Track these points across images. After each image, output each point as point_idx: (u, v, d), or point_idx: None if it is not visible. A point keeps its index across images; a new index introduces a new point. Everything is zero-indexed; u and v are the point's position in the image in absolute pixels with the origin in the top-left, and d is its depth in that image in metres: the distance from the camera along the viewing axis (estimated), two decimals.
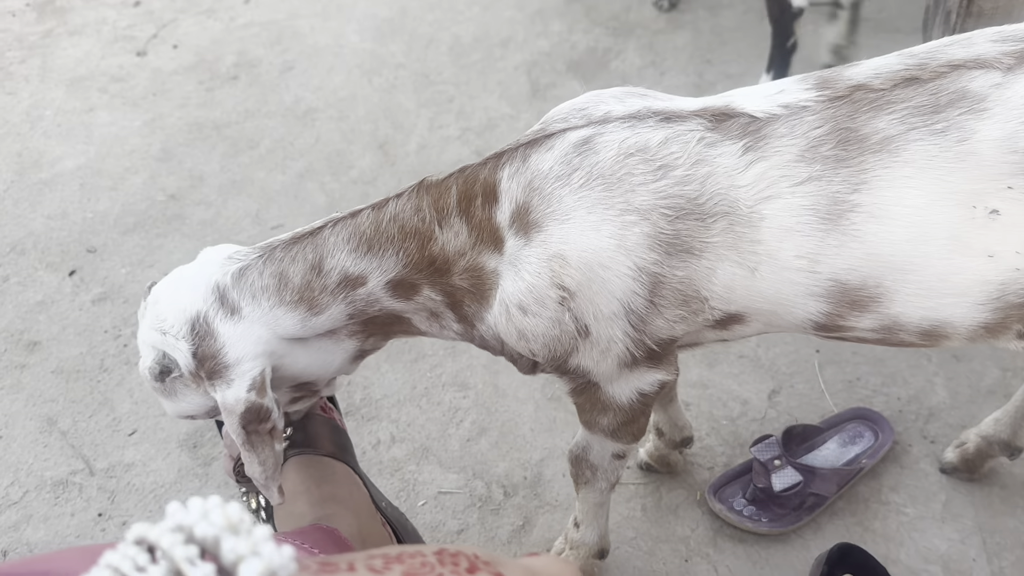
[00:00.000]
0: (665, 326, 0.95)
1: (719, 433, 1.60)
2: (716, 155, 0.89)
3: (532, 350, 0.99)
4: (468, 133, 2.44)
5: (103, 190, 2.29)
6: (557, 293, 0.92)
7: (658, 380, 1.03)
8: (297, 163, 2.36)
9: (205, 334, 0.99)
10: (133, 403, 1.73)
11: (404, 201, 1.00)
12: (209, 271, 1.02)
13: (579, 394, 1.08)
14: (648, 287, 0.91)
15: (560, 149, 0.93)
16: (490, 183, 0.96)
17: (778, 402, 1.65)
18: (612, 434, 1.11)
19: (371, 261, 0.99)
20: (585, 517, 1.29)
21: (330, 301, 1.00)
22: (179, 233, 2.14)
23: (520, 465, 1.58)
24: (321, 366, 1.08)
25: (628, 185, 0.89)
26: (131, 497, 1.56)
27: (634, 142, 0.90)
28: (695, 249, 0.90)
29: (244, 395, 0.99)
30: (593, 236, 0.90)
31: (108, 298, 1.96)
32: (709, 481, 1.51)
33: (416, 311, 1.04)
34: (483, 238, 0.97)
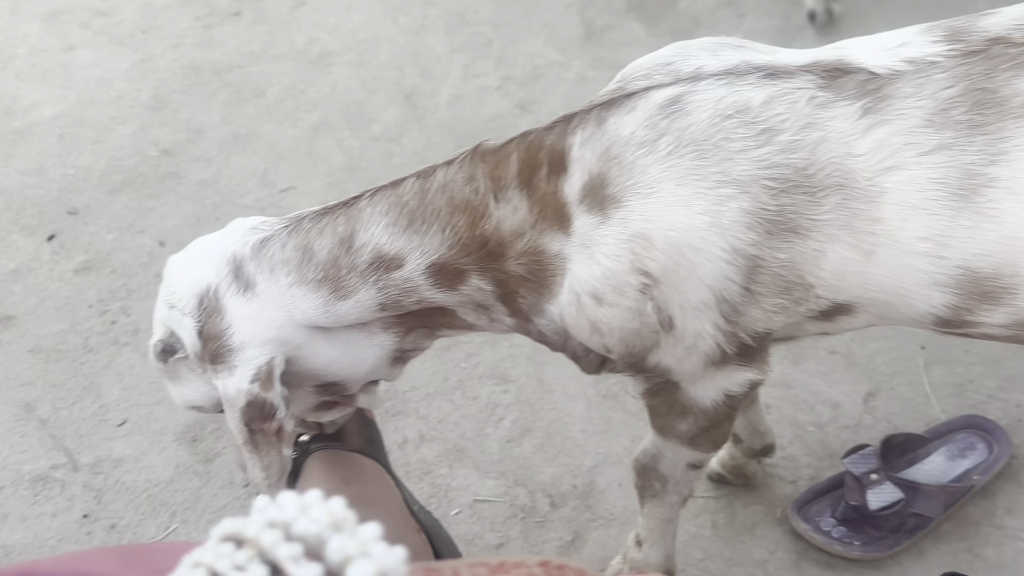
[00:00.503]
0: (762, 317, 0.96)
1: (805, 441, 1.62)
2: (829, 117, 0.89)
3: (606, 345, 1.00)
4: (509, 83, 2.46)
5: (86, 142, 2.34)
6: (638, 280, 0.94)
7: (748, 380, 1.05)
8: (310, 115, 2.39)
9: (213, 310, 1.01)
10: (123, 389, 1.78)
11: (455, 169, 1.01)
12: (229, 240, 1.05)
13: (654, 395, 1.10)
14: (745, 272, 0.92)
15: (643, 111, 0.94)
16: (558, 151, 0.97)
17: (875, 407, 1.66)
18: (690, 441, 1.13)
19: (411, 238, 1.00)
20: (650, 535, 1.31)
21: (358, 284, 1.01)
22: (174, 194, 2.19)
23: (569, 472, 1.61)
24: (349, 364, 1.09)
25: (725, 152, 0.90)
26: (120, 497, 1.62)
27: (732, 101, 0.91)
28: (801, 228, 0.91)
29: (246, 386, 1.00)
30: (682, 213, 0.91)
31: (92, 267, 2.01)
32: (792, 496, 1.53)
33: (461, 304, 1.05)
34: (546, 215, 0.97)
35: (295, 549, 0.41)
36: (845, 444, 1.59)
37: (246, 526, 0.42)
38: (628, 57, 2.64)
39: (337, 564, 0.41)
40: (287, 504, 0.43)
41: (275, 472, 1.06)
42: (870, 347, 1.74)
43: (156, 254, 2.04)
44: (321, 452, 1.23)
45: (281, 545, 0.41)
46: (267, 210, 2.13)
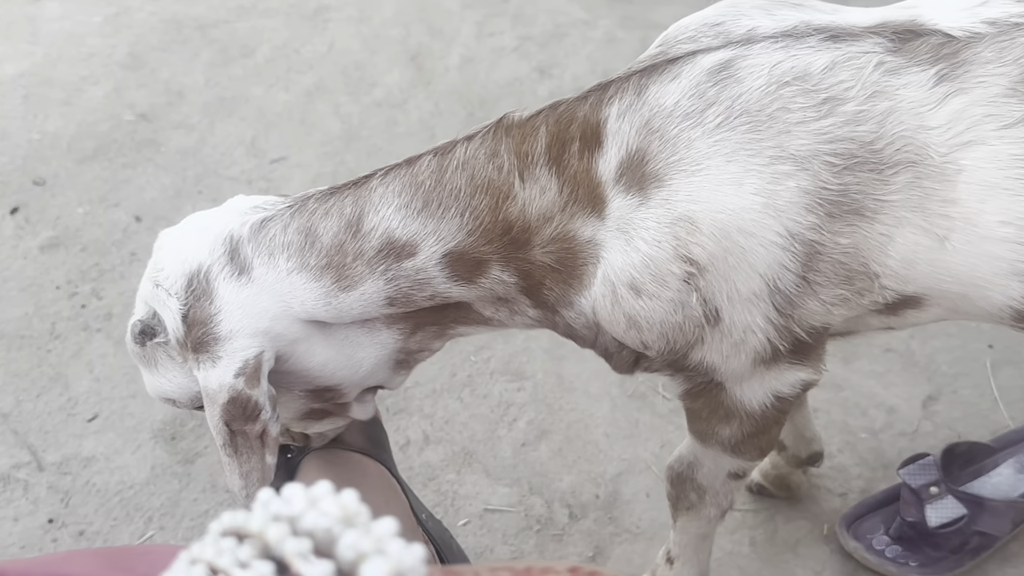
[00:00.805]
0: (819, 310, 0.95)
1: (855, 449, 1.61)
2: (900, 86, 0.88)
3: (644, 341, 1.00)
4: (528, 43, 2.45)
5: (54, 105, 2.33)
6: (682, 268, 0.93)
7: (801, 380, 1.04)
8: (304, 77, 2.38)
9: (202, 293, 1.00)
10: (94, 380, 1.78)
11: (477, 144, 1.00)
12: (227, 219, 1.04)
13: (695, 397, 1.09)
14: (802, 259, 0.92)
15: (689, 78, 0.93)
16: (592, 123, 0.96)
17: (936, 412, 1.65)
18: (733, 448, 1.13)
19: (426, 222, 0.99)
20: (683, 551, 1.31)
21: (365, 273, 1.00)
22: (152, 163, 2.18)
23: (591, 480, 1.61)
24: (345, 365, 1.08)
25: (782, 124, 0.89)
26: (90, 500, 1.62)
27: (790, 67, 0.90)
28: (867, 210, 0.90)
29: (229, 380, 0.99)
30: (733, 192, 0.90)
31: (61, 244, 2.01)
32: (841, 511, 1.52)
33: (480, 298, 1.05)
34: (578, 196, 0.97)
35: (304, 545, 0.40)
36: (901, 453, 1.58)
37: (249, 520, 0.42)
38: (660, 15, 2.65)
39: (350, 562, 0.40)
40: (294, 497, 0.42)
41: (255, 481, 1.04)
42: (931, 345, 1.73)
43: (131, 230, 2.03)
44: (320, 452, 1.23)
45: (288, 540, 0.40)
46: (255, 183, 2.13)
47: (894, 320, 1.01)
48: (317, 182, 2.13)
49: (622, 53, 2.41)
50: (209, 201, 2.09)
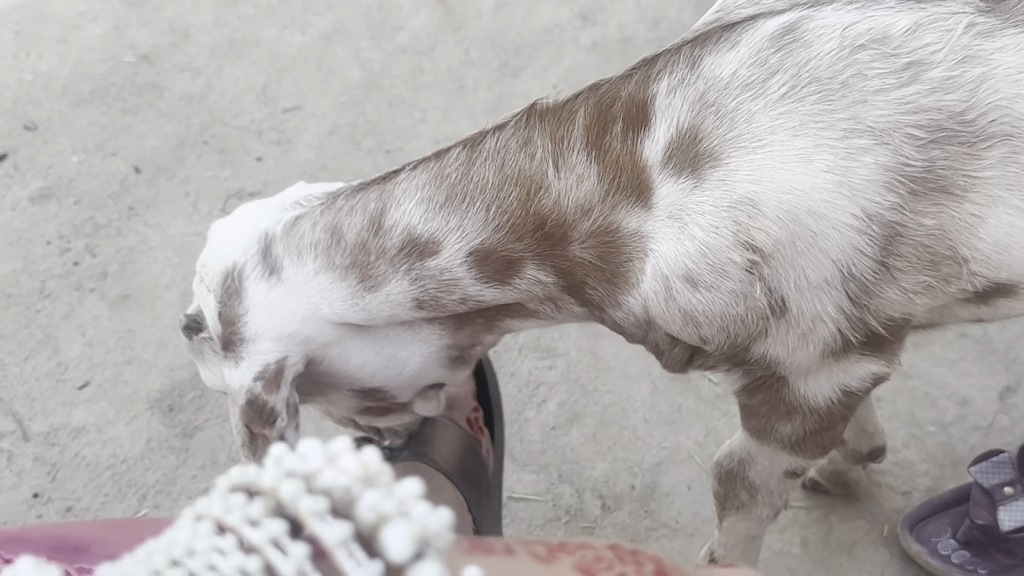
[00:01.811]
0: (899, 299, 0.94)
1: (922, 444, 1.60)
2: (994, 49, 0.86)
3: (703, 336, 0.99)
4: None
5: (48, 43, 2.34)
6: (743, 256, 0.91)
7: (872, 374, 1.03)
8: (322, 19, 2.38)
9: (234, 292, 1.04)
10: (86, 344, 1.79)
11: (509, 133, 0.99)
12: (268, 214, 1.06)
13: (753, 393, 1.09)
14: (880, 243, 0.90)
15: (749, 45, 0.91)
16: (638, 101, 0.94)
17: (1014, 404, 1.64)
18: (793, 446, 1.12)
19: (448, 217, 0.99)
20: (728, 553, 1.31)
21: (388, 273, 1.01)
22: (154, 109, 2.19)
23: (626, 469, 1.61)
24: (388, 366, 1.09)
25: (858, 93, 0.87)
26: (79, 473, 1.63)
27: (866, 28, 0.88)
28: (956, 187, 0.88)
29: (248, 383, 1.02)
30: (801, 171, 0.88)
31: (53, 195, 2.03)
32: (904, 511, 1.51)
33: (521, 299, 1.04)
34: (620, 184, 0.95)
35: (320, 504, 0.40)
36: (974, 449, 1.57)
37: (261, 475, 0.42)
38: None
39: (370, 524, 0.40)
40: (310, 453, 0.42)
41: None
42: (1011, 331, 1.71)
43: (130, 182, 2.05)
44: (406, 464, 1.25)
45: (304, 498, 0.40)
46: (265, 133, 2.14)
47: (984, 311, 1.00)
48: (333, 135, 2.14)
49: None
50: (215, 152, 2.10)
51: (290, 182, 2.01)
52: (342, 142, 2.14)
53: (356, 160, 2.10)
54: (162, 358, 1.77)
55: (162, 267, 1.91)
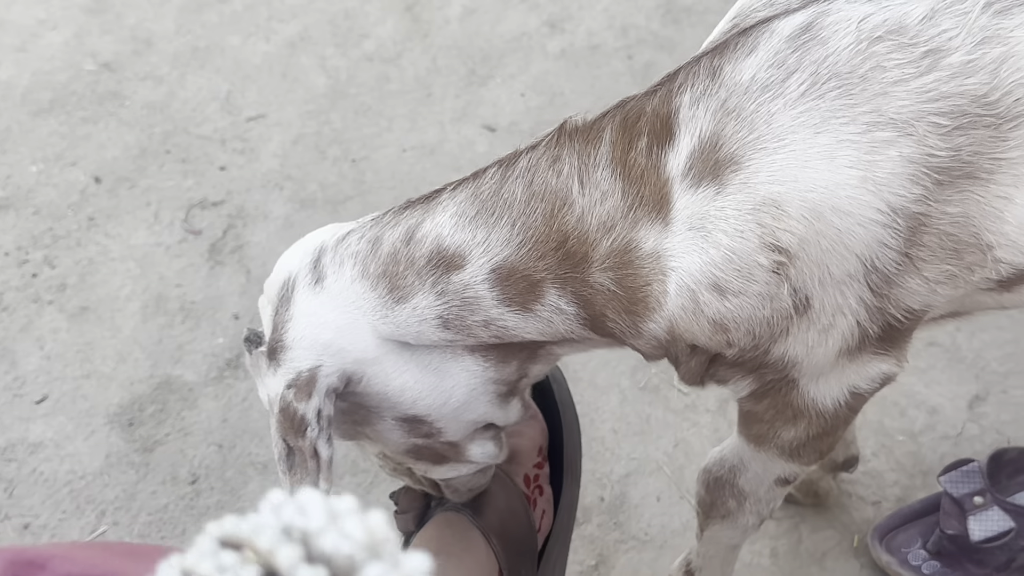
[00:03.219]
0: (921, 289, 0.93)
1: (892, 453, 1.61)
2: (1014, 27, 0.85)
3: (731, 340, 0.98)
4: None
5: (7, 50, 2.32)
6: (770, 258, 0.91)
7: (882, 374, 1.02)
8: (287, 27, 2.37)
9: (286, 299, 1.05)
10: (44, 357, 1.77)
11: (540, 152, 0.99)
12: (328, 230, 1.08)
13: (760, 398, 1.08)
14: (904, 235, 0.89)
15: (767, 48, 0.90)
16: (663, 116, 0.94)
17: (983, 413, 1.64)
18: (792, 452, 1.11)
19: (475, 232, 0.99)
20: (707, 563, 1.30)
21: (415, 284, 1.01)
22: (115, 118, 2.18)
23: (595, 480, 1.60)
24: (431, 393, 1.08)
25: (878, 86, 0.87)
26: (37, 490, 1.61)
27: (882, 20, 0.87)
28: (981, 172, 0.87)
29: (281, 390, 1.01)
30: (824, 168, 0.88)
31: (11, 206, 2.01)
32: (874, 521, 1.51)
33: (542, 334, 1.03)
34: (643, 199, 0.94)
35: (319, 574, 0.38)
36: (943, 459, 1.58)
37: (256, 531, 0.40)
38: None
39: None
40: (311, 507, 0.40)
41: None
42: (980, 339, 1.72)
43: (90, 192, 2.03)
44: (449, 514, 1.24)
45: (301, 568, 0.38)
46: (229, 142, 2.13)
47: (1008, 298, 0.99)
48: (298, 143, 2.13)
49: (643, 6, 2.39)
50: (177, 161, 2.09)
51: (254, 191, 2.02)
52: (307, 151, 2.12)
53: (321, 169, 2.08)
54: (122, 372, 1.75)
55: (122, 279, 1.89)
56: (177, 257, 1.92)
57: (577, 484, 1.41)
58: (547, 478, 1.36)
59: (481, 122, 2.17)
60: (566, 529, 1.38)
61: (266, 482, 1.61)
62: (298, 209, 2.01)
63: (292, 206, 2.02)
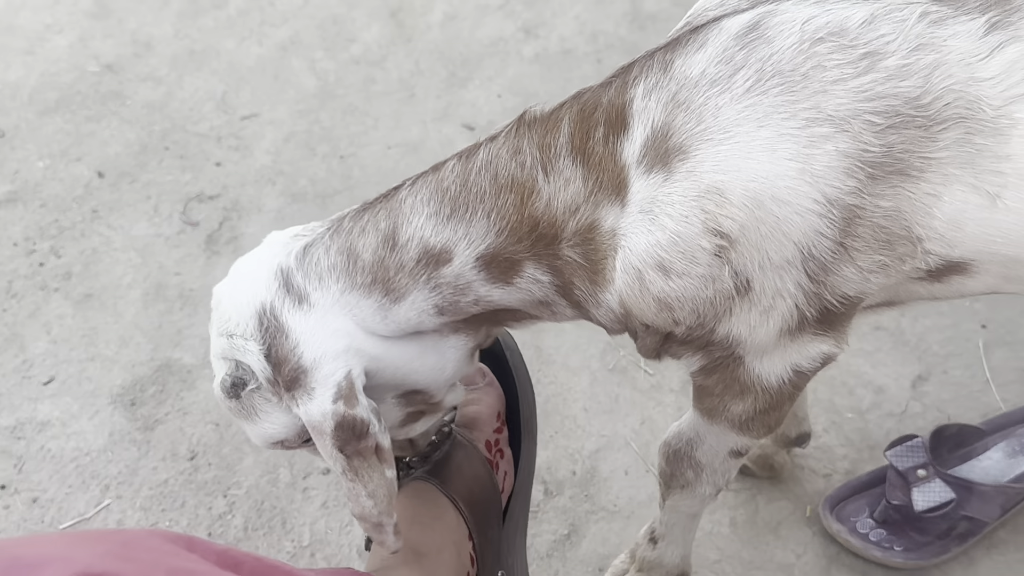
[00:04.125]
0: (855, 277, 0.93)
1: (841, 429, 1.61)
2: (947, 36, 0.86)
3: (676, 319, 0.98)
4: (513, 1, 2.42)
5: (15, 53, 2.29)
6: (712, 242, 0.90)
7: (823, 353, 1.02)
8: (279, 31, 2.35)
9: (275, 330, 1.01)
10: (51, 342, 1.75)
11: (500, 144, 0.99)
12: (271, 253, 1.05)
13: (710, 374, 1.08)
14: (839, 225, 0.89)
15: (716, 44, 0.90)
16: (617, 106, 0.94)
17: (925, 392, 1.65)
18: (742, 425, 1.11)
19: (456, 228, 0.99)
20: (669, 531, 1.30)
21: (410, 284, 1.01)
22: (117, 117, 2.15)
23: (567, 456, 1.60)
24: (431, 371, 1.10)
25: (818, 84, 0.86)
26: (45, 466, 1.60)
27: (825, 22, 0.87)
28: (912, 169, 0.87)
29: (330, 407, 0.99)
30: (766, 159, 0.87)
31: (19, 199, 1.98)
32: (825, 493, 1.51)
33: (521, 301, 1.04)
34: (602, 184, 0.95)
35: None
36: (889, 434, 1.58)
37: None
38: None
39: None
40: None
41: (383, 498, 1.04)
42: (923, 324, 1.72)
43: (93, 186, 2.01)
44: (418, 483, 1.24)
45: None
46: (224, 139, 2.11)
47: (939, 288, 0.99)
48: (290, 141, 2.11)
49: (612, 14, 2.38)
50: (176, 157, 2.07)
51: (248, 186, 2.00)
52: (298, 148, 2.10)
53: (311, 165, 2.07)
54: (124, 355, 1.73)
55: (124, 267, 1.87)
56: (176, 247, 1.90)
57: (534, 443, 1.41)
58: (506, 441, 1.36)
59: (461, 121, 2.16)
60: (526, 486, 1.38)
61: (259, 459, 1.59)
62: (290, 203, 2.00)
63: (284, 200, 2.00)
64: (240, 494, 1.56)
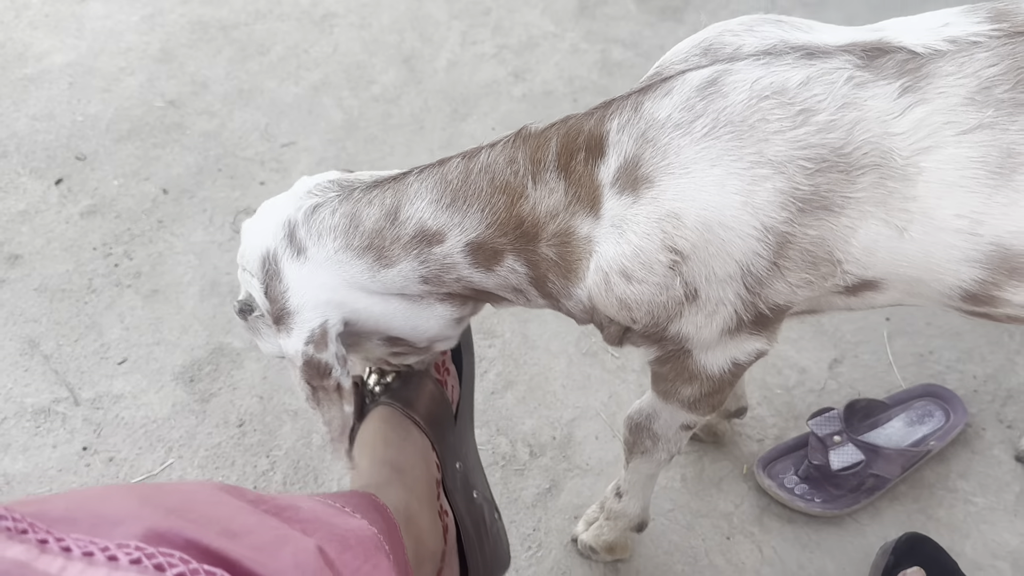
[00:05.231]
0: (785, 291, 0.93)
1: (772, 403, 1.61)
2: (867, 97, 0.86)
3: (633, 318, 0.98)
4: (505, 51, 2.41)
5: (95, 91, 2.28)
6: (668, 257, 0.91)
7: (756, 350, 1.02)
8: (312, 74, 2.34)
9: (273, 274, 1.01)
10: (123, 329, 1.74)
11: (498, 151, 0.99)
12: (288, 204, 1.03)
13: (664, 362, 1.08)
14: (773, 248, 0.89)
15: (680, 93, 0.90)
16: (596, 136, 0.94)
17: (840, 373, 1.65)
18: (690, 405, 1.11)
19: (452, 215, 0.98)
20: (631, 488, 1.30)
21: (401, 255, 1.00)
22: (178, 144, 2.13)
23: (549, 424, 1.59)
24: (412, 329, 1.08)
25: (761, 133, 0.87)
26: (119, 431, 1.59)
27: (769, 82, 0.87)
28: (835, 206, 0.87)
29: (301, 347, 1.00)
30: (716, 192, 0.88)
31: (98, 211, 1.97)
32: (758, 454, 1.52)
33: (498, 286, 1.03)
34: (580, 197, 0.94)
35: None
36: (810, 407, 1.58)
37: None
38: (619, 30, 2.61)
39: None
40: None
41: (336, 427, 1.05)
42: (838, 316, 1.72)
43: (159, 201, 1.99)
44: (383, 408, 1.21)
45: None
46: (267, 163, 2.09)
47: (854, 300, 0.99)
48: (321, 164, 2.10)
49: (585, 62, 2.38)
50: (227, 178, 2.05)
51: None
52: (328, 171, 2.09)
53: None
54: (184, 340, 1.72)
55: (184, 268, 1.86)
56: (227, 252, 1.89)
57: (472, 355, 1.38)
58: (450, 358, 1.33)
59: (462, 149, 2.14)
60: (470, 391, 1.35)
61: (296, 424, 1.59)
62: None
63: None
64: (280, 455, 1.55)
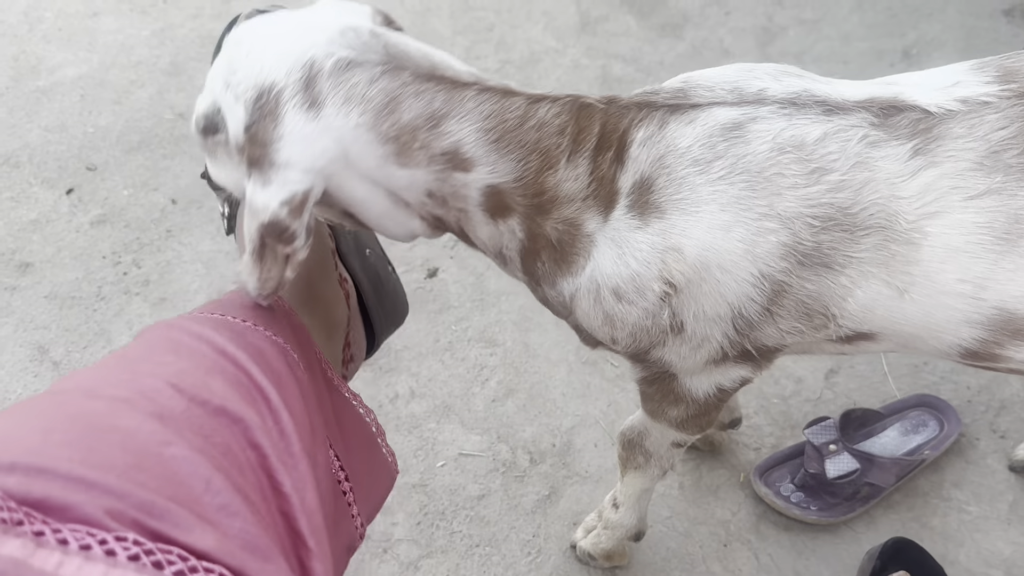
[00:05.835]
0: (775, 335, 0.93)
1: (768, 412, 1.60)
2: (879, 158, 0.85)
3: (614, 337, 0.97)
4: (508, 66, 2.41)
5: (106, 103, 2.28)
6: (661, 287, 0.90)
7: (741, 377, 1.02)
8: None
9: (269, 113, 0.83)
10: (132, 336, 1.73)
11: (555, 112, 0.90)
12: (313, 38, 0.85)
13: (650, 383, 1.07)
14: (768, 295, 0.89)
15: (704, 127, 0.88)
16: (623, 141, 0.91)
17: (836, 383, 1.65)
18: (679, 425, 1.11)
19: (490, 153, 0.89)
20: (627, 500, 1.30)
21: (422, 162, 0.88)
22: (187, 155, 2.14)
23: (548, 431, 1.59)
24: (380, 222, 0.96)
25: (776, 187, 0.86)
26: None
27: (790, 136, 0.86)
28: (835, 264, 0.87)
29: (275, 206, 0.84)
30: (720, 237, 0.87)
31: (108, 221, 1.97)
32: (755, 463, 1.51)
33: (488, 238, 0.97)
34: (598, 195, 0.92)
35: None
36: (806, 416, 1.58)
37: None
38: (620, 46, 2.62)
39: None
40: None
41: (270, 288, 0.89)
42: None
43: (168, 211, 2.00)
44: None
45: None
46: None
47: (848, 348, 0.98)
48: None
49: (586, 77, 2.38)
50: None
51: None
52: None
53: None
54: None
55: (192, 277, 1.86)
56: (233, 261, 1.89)
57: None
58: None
59: None
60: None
61: None
62: None
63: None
64: None
